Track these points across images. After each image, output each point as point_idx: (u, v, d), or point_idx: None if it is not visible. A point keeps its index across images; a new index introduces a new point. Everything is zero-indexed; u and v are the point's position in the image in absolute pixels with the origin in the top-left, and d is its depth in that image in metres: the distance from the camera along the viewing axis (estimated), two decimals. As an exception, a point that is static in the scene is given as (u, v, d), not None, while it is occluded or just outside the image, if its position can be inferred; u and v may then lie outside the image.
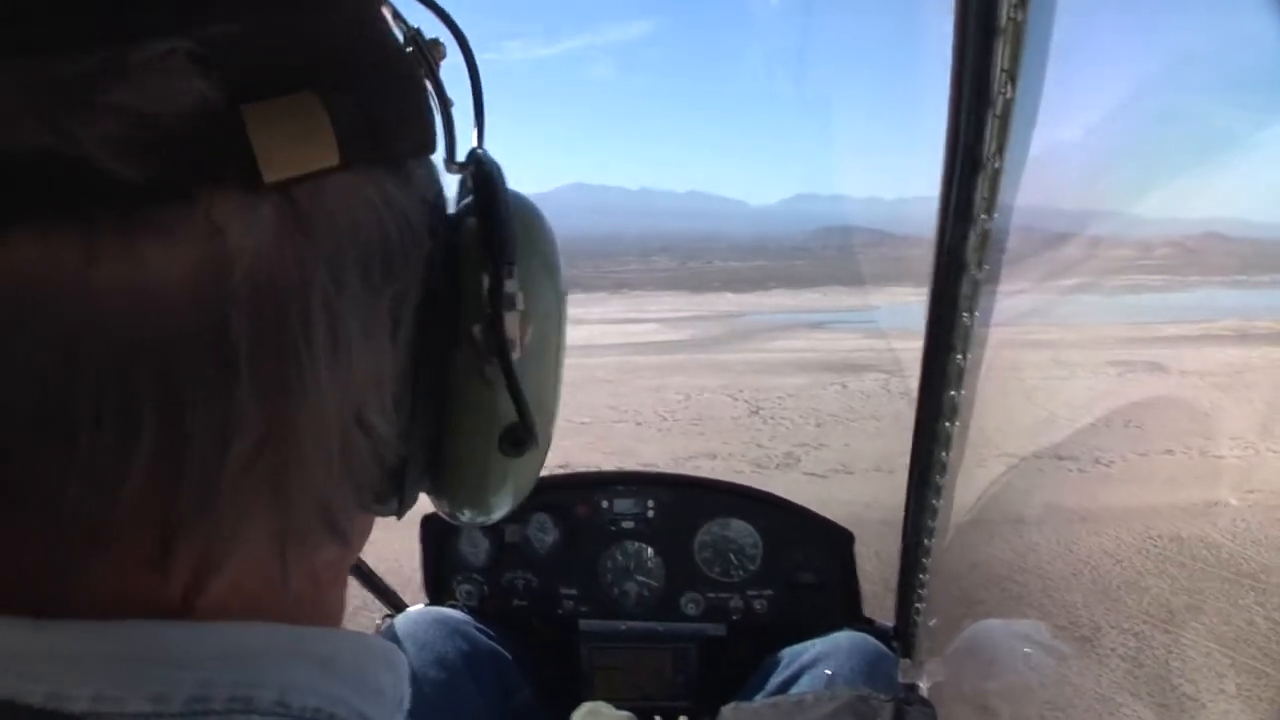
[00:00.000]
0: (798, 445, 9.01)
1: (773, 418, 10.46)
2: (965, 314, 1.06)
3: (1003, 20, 0.75)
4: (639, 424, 10.40)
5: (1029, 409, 9.86)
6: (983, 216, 0.94)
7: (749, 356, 16.86)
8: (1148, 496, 6.51)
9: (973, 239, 0.97)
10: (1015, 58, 0.78)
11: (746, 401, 11.58)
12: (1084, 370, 12.52)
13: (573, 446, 8.62)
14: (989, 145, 0.87)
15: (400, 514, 0.44)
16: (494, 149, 0.45)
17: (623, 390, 12.44)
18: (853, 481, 7.53)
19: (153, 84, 0.29)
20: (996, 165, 0.88)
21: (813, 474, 8.00)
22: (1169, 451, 7.61)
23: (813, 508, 1.91)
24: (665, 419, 10.71)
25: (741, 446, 9.07)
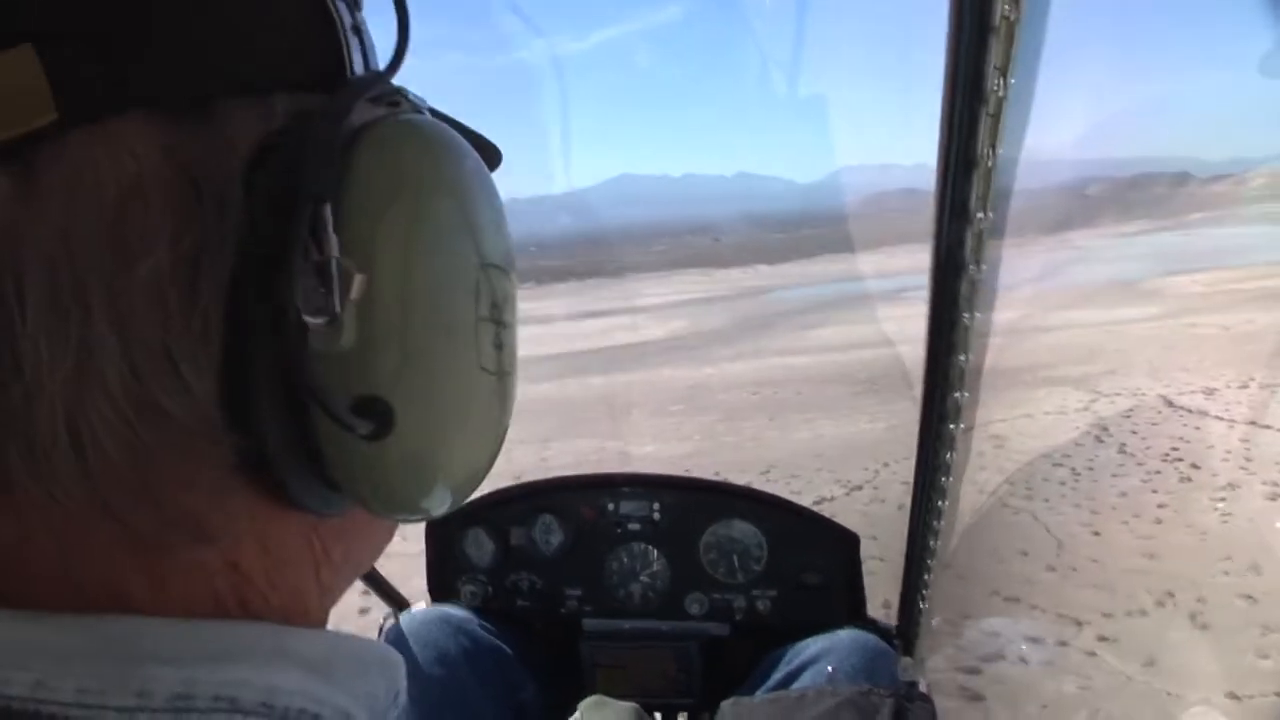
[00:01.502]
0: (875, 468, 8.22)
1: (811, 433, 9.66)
2: (966, 314, 1.07)
3: (996, 18, 0.76)
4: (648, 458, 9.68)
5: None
6: (979, 215, 0.95)
7: (789, 346, 15.93)
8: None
9: (970, 238, 0.97)
10: (1008, 55, 0.79)
11: (767, 415, 10.82)
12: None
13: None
14: (982, 142, 0.87)
15: (316, 510, 0.39)
16: (534, 147, 0.46)
17: (635, 409, 11.78)
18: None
19: None
20: (990, 163, 0.89)
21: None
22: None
23: None
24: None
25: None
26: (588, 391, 13.77)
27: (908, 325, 16.51)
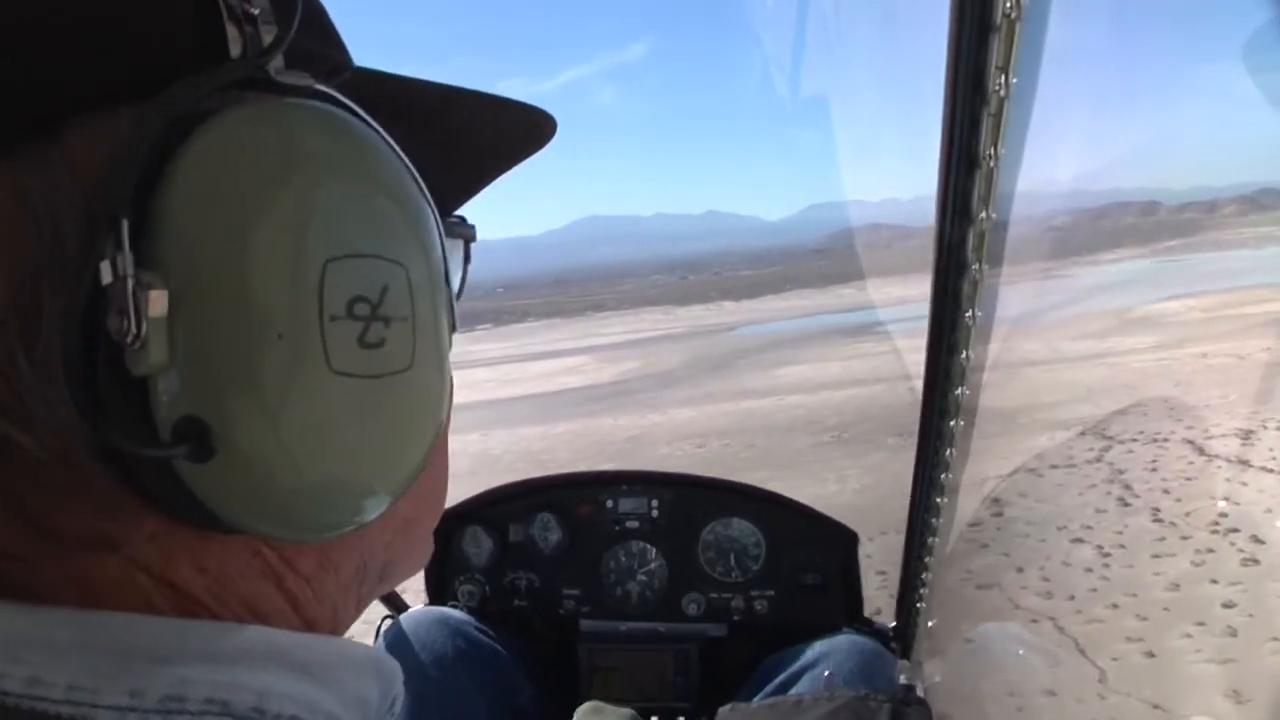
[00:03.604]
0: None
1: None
2: (967, 312, 1.06)
3: (997, 17, 0.75)
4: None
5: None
6: (981, 214, 0.94)
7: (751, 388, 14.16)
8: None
9: (972, 236, 0.97)
10: (1010, 54, 0.78)
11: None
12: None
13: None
14: (985, 142, 0.87)
15: (222, 529, 0.37)
16: (502, 190, 0.44)
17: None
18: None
19: None
20: (993, 163, 0.88)
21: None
22: None
23: None
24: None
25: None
26: (513, 445, 11.89)
27: (880, 362, 14.85)
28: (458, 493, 1.81)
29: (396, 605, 1.92)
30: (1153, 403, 10.44)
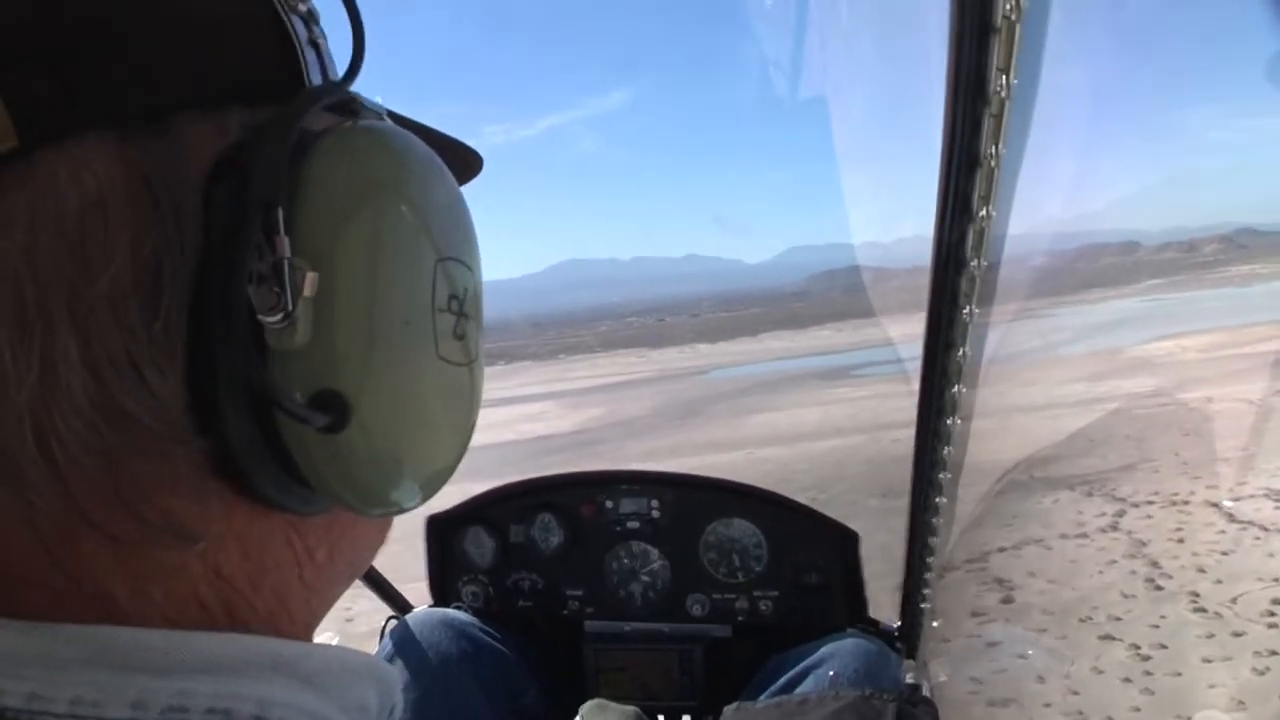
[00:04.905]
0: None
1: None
2: (965, 309, 1.06)
3: (998, 18, 0.76)
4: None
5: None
6: (981, 213, 0.94)
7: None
8: None
9: (971, 235, 0.97)
10: (1010, 55, 0.78)
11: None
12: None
13: None
14: (985, 142, 0.87)
15: (293, 509, 0.40)
16: (482, 232, 0.45)
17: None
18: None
19: None
20: (993, 162, 0.88)
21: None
22: None
23: None
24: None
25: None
26: (445, 505, 10.49)
27: (859, 409, 13.78)
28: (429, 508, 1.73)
29: (401, 606, 1.90)
30: (1163, 456, 9.35)
